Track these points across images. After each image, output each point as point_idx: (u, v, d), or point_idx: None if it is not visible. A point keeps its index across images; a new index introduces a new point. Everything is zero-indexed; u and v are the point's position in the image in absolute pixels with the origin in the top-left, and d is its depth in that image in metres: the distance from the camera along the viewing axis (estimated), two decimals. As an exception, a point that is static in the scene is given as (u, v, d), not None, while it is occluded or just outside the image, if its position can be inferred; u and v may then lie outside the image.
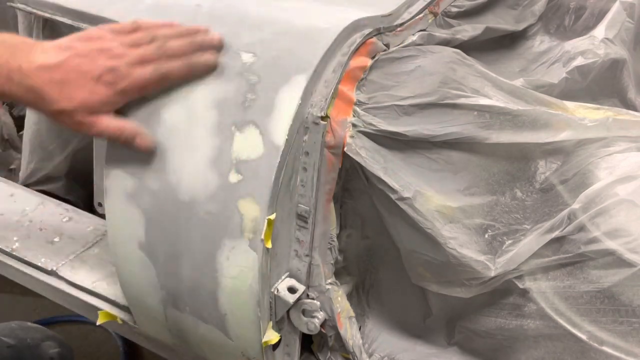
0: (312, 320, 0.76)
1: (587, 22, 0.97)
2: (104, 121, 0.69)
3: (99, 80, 0.67)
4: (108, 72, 0.67)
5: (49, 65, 0.67)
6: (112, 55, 0.67)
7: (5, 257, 1.02)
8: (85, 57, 0.67)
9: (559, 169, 0.75)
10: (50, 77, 0.67)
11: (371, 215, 0.79)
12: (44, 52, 0.68)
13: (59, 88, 0.67)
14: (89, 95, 0.67)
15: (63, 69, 0.67)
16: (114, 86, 0.67)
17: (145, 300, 0.82)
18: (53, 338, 1.22)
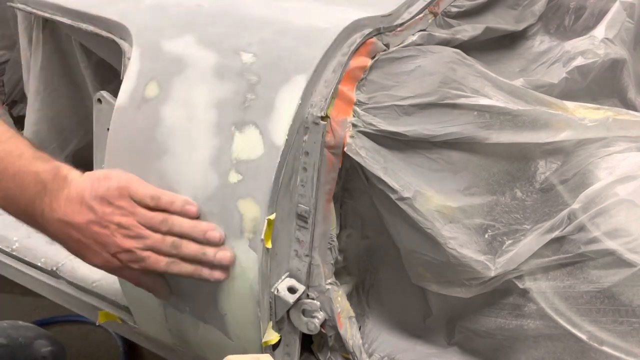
0: (312, 320, 0.76)
1: (587, 22, 0.97)
2: (123, 272, 0.73)
3: (114, 256, 0.70)
4: (124, 253, 0.70)
5: (70, 223, 0.69)
6: (129, 235, 0.69)
7: (5, 257, 1.02)
8: (104, 228, 0.69)
9: (559, 169, 0.74)
10: (70, 234, 0.70)
11: (371, 215, 0.79)
12: (67, 202, 0.70)
13: (78, 247, 0.71)
14: (104, 264, 0.71)
15: (83, 232, 0.69)
16: (127, 264, 0.70)
17: (145, 300, 0.82)
18: (45, 336, 1.22)
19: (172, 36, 0.78)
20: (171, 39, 0.77)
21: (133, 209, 0.70)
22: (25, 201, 0.71)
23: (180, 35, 0.77)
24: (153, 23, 0.81)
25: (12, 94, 1.53)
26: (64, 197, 0.70)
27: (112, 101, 0.84)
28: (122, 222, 0.69)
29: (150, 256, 0.70)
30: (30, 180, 0.71)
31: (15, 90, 1.52)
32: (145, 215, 0.70)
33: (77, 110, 1.24)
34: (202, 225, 0.70)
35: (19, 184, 0.71)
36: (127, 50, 0.81)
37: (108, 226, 0.69)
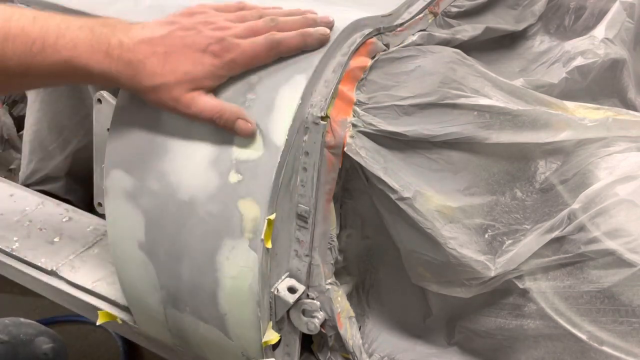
0: (312, 320, 0.76)
1: (587, 22, 0.97)
2: (203, 100, 0.65)
3: (205, 51, 0.63)
4: (215, 42, 0.63)
5: (151, 38, 0.64)
6: (218, 27, 0.64)
7: (5, 257, 1.02)
8: (190, 29, 0.64)
9: (559, 169, 0.75)
10: (153, 50, 0.64)
11: (371, 215, 0.79)
12: (144, 27, 0.65)
13: (161, 60, 0.64)
14: (194, 67, 0.63)
15: (167, 41, 0.64)
16: (221, 57, 0.63)
17: (145, 300, 0.82)
18: (46, 333, 1.22)
19: (172, 36, 0.78)
20: (171, 39, 0.77)
21: (218, 12, 0.65)
22: (97, 39, 0.65)
23: (180, 35, 0.77)
24: (153, 23, 0.81)
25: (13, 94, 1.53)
26: (140, 26, 0.65)
27: (112, 101, 0.84)
28: (208, 19, 0.64)
29: (246, 40, 0.63)
30: (98, 25, 0.66)
31: (16, 90, 1.52)
32: (232, 13, 0.65)
33: (77, 110, 1.24)
34: (296, 9, 0.65)
35: (87, 30, 0.65)
36: (127, 50, 0.81)
37: (194, 27, 0.64)
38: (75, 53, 0.65)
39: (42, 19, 0.66)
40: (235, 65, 0.65)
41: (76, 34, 0.66)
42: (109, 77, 0.67)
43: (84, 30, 0.66)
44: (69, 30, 0.66)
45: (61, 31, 0.66)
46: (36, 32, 0.66)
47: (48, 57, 0.65)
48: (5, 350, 1.12)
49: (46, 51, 0.65)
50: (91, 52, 0.65)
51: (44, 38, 0.65)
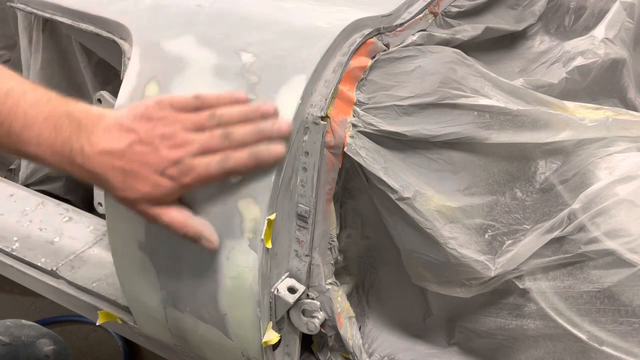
0: (312, 321, 0.76)
1: (587, 22, 0.97)
2: (169, 214, 0.67)
3: (162, 173, 0.65)
4: (172, 166, 0.64)
5: (111, 151, 0.65)
6: (175, 145, 0.65)
7: (5, 257, 1.02)
8: (148, 145, 0.65)
9: (559, 169, 0.74)
10: (113, 164, 0.65)
11: (371, 215, 0.79)
12: (106, 132, 0.66)
13: (122, 177, 0.65)
14: (152, 189, 0.65)
15: (126, 157, 0.65)
16: (177, 180, 0.65)
17: (145, 300, 0.82)
18: (48, 335, 1.22)
19: (172, 36, 0.78)
20: (171, 38, 0.77)
21: (175, 116, 0.65)
22: (61, 142, 0.66)
23: (180, 35, 0.77)
24: (153, 23, 0.81)
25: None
26: (102, 129, 0.65)
27: (112, 101, 0.84)
28: (165, 133, 0.64)
29: (201, 162, 0.64)
30: (63, 120, 0.66)
31: (15, 90, 1.52)
32: (189, 117, 0.65)
33: (77, 110, 1.23)
34: (252, 105, 0.66)
35: (52, 126, 0.66)
36: (127, 50, 0.81)
37: (152, 142, 0.64)
38: (39, 151, 0.67)
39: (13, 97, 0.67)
40: (190, 187, 0.67)
41: (41, 130, 0.66)
42: (79, 179, 0.69)
43: (48, 125, 0.66)
44: (35, 124, 0.66)
45: (28, 121, 0.66)
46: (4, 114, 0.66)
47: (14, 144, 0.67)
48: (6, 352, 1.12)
49: (11, 138, 0.67)
50: (54, 154, 0.67)
51: (11, 123, 0.66)
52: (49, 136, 0.66)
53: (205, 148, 0.65)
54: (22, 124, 0.66)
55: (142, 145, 0.65)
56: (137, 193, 0.66)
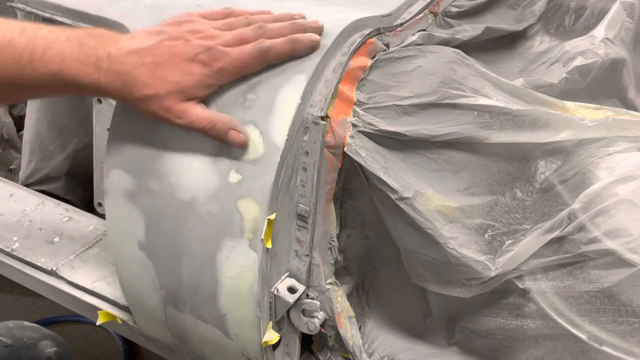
0: (312, 320, 0.76)
1: (587, 22, 0.97)
2: (195, 110, 0.65)
3: (194, 60, 0.62)
4: (204, 52, 0.62)
5: (140, 49, 0.63)
6: (206, 36, 0.63)
7: (5, 257, 1.02)
8: (178, 39, 0.63)
9: (559, 169, 0.75)
10: (142, 60, 0.63)
11: (371, 215, 0.79)
12: (133, 38, 0.65)
13: (151, 71, 0.63)
14: (183, 77, 0.63)
15: (155, 51, 0.63)
16: (210, 66, 0.63)
17: (145, 300, 0.82)
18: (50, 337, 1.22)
19: (172, 36, 0.78)
20: (171, 39, 0.77)
21: (205, 20, 0.64)
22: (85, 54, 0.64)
23: (180, 35, 0.77)
24: (153, 23, 0.81)
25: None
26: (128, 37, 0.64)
27: (112, 101, 0.84)
28: (196, 28, 0.63)
29: (235, 49, 0.63)
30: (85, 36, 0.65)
31: (16, 90, 1.52)
32: (220, 21, 0.64)
33: (77, 110, 1.24)
34: (285, 13, 0.65)
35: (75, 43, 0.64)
36: (127, 50, 0.81)
37: (183, 36, 0.63)
38: (64, 66, 0.65)
39: (29, 30, 0.66)
40: (224, 73, 0.64)
41: (64, 47, 0.65)
42: (99, 89, 0.66)
43: (71, 42, 0.65)
44: (56, 43, 0.65)
45: (49, 43, 0.65)
46: (23, 45, 0.65)
47: (36, 70, 0.65)
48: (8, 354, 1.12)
49: (34, 64, 0.65)
50: (79, 65, 0.65)
51: (32, 51, 0.65)
52: (73, 50, 0.64)
53: (239, 38, 0.63)
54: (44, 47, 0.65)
55: (172, 40, 0.63)
56: (166, 84, 0.63)
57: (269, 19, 0.67)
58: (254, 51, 0.63)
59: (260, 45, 0.63)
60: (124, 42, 0.65)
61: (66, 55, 0.65)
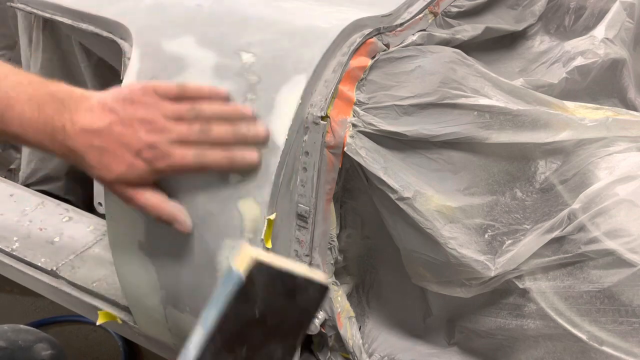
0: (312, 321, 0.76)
1: (587, 22, 0.97)
2: (144, 196, 0.68)
3: (138, 155, 0.65)
4: (148, 149, 0.65)
5: (91, 130, 0.66)
6: (153, 129, 0.65)
7: (5, 257, 1.02)
8: (127, 126, 0.65)
9: (559, 169, 0.75)
10: (91, 142, 0.66)
11: (371, 215, 0.79)
12: (88, 111, 0.66)
13: (98, 155, 0.66)
14: (127, 170, 0.66)
15: (105, 136, 0.65)
16: (152, 164, 0.65)
17: (145, 300, 0.82)
18: (46, 340, 1.22)
19: (172, 36, 0.78)
20: (171, 38, 0.77)
21: (157, 103, 0.66)
22: (43, 121, 0.66)
23: (180, 35, 0.77)
24: (153, 23, 0.81)
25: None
26: (85, 108, 0.66)
27: (112, 101, 0.84)
28: (145, 117, 0.65)
29: (177, 151, 0.65)
30: (46, 100, 0.67)
31: (15, 90, 1.52)
32: (170, 107, 0.66)
33: (77, 110, 1.23)
34: (231, 104, 0.67)
35: (34, 106, 0.67)
36: (127, 50, 0.81)
37: (131, 124, 0.65)
38: (22, 131, 0.67)
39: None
40: (164, 173, 0.67)
41: (23, 110, 0.67)
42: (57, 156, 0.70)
43: (32, 104, 0.67)
44: (18, 103, 0.67)
45: (10, 101, 0.67)
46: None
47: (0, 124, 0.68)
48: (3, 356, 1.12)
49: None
50: (37, 133, 0.67)
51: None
52: (31, 115, 0.67)
53: (183, 138, 0.65)
54: (5, 105, 0.67)
55: (122, 126, 0.65)
56: (112, 173, 0.66)
57: (217, 114, 0.68)
58: (194, 161, 0.66)
59: (201, 159, 0.66)
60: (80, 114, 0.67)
61: (24, 120, 0.67)
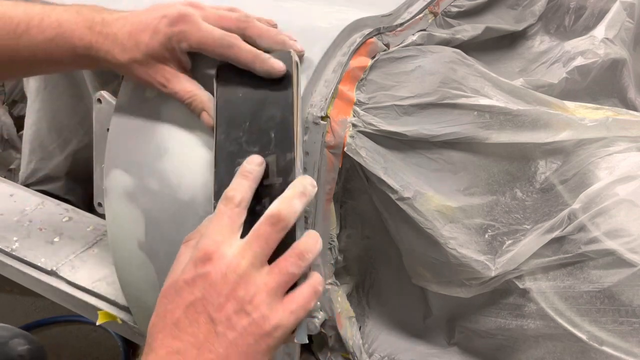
0: (312, 321, 0.76)
1: (587, 22, 0.97)
2: (179, 81, 0.66)
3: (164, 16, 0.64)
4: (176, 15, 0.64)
5: (128, 16, 0.66)
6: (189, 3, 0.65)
7: (5, 257, 1.02)
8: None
9: (559, 169, 0.75)
10: (124, 24, 0.66)
11: (371, 215, 0.79)
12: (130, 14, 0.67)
13: (127, 35, 0.66)
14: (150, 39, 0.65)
15: (135, 17, 0.66)
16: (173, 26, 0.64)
17: (145, 300, 0.82)
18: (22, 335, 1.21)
19: (172, 36, 0.77)
20: (171, 39, 0.77)
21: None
22: (82, 17, 0.68)
23: (180, 35, 0.77)
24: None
25: (12, 94, 1.53)
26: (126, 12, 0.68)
27: (112, 101, 0.84)
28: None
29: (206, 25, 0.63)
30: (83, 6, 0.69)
31: (15, 90, 1.53)
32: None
33: (77, 110, 1.24)
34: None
35: (72, 9, 0.69)
36: (127, 50, 0.81)
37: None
38: (60, 31, 0.67)
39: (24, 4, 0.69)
40: (184, 37, 0.64)
41: (61, 15, 0.67)
42: (91, 51, 0.68)
43: (69, 11, 0.68)
44: (54, 12, 0.67)
45: (46, 12, 0.67)
46: (20, 15, 0.67)
47: (33, 38, 0.67)
48: None
49: (31, 32, 0.67)
50: (75, 28, 0.67)
51: (29, 20, 0.67)
52: (69, 17, 0.68)
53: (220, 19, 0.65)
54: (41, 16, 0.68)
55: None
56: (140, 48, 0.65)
57: (264, 21, 0.67)
58: (218, 37, 0.63)
59: (227, 39, 0.63)
60: (120, 12, 0.68)
61: (63, 21, 0.67)
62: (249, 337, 0.52)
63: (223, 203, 0.58)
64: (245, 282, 0.53)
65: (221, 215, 0.57)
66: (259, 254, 0.55)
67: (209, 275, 0.53)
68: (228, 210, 0.57)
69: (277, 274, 0.55)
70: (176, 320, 0.53)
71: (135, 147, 0.76)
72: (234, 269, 0.53)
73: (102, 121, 0.87)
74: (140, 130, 0.75)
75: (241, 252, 0.54)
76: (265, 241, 0.55)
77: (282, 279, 0.55)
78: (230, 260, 0.54)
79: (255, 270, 0.54)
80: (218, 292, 0.53)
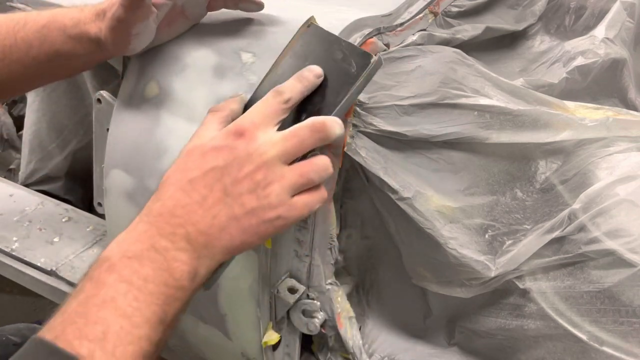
0: (312, 321, 0.76)
1: (587, 22, 0.97)
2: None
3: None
4: None
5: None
6: None
7: (5, 257, 1.02)
8: None
9: (559, 169, 0.74)
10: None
11: (371, 215, 0.79)
12: None
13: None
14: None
15: None
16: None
17: (145, 300, 0.82)
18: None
19: (172, 36, 0.77)
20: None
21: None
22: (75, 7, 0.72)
23: (181, 35, 0.77)
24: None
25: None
26: None
27: (112, 101, 0.84)
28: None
29: None
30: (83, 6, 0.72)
31: (15, 90, 1.52)
32: None
33: (77, 110, 1.24)
34: None
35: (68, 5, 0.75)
36: (127, 50, 0.81)
37: None
38: (52, 18, 0.71)
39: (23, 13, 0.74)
40: None
41: (57, 9, 0.72)
42: (79, 25, 0.71)
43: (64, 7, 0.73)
44: (49, 8, 0.73)
45: (45, 11, 0.72)
46: (20, 16, 0.73)
47: (30, 28, 0.71)
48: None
49: (28, 25, 0.71)
50: (67, 11, 0.71)
51: (27, 17, 0.72)
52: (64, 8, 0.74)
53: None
54: (38, 12, 0.73)
55: None
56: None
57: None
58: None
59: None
60: None
61: (57, 10, 0.72)
62: (252, 218, 0.55)
63: (272, 95, 0.59)
64: (266, 169, 0.55)
65: (267, 104, 0.59)
66: (289, 151, 0.57)
67: (236, 149, 0.56)
68: (275, 103, 0.59)
69: (297, 174, 0.57)
70: (193, 179, 0.57)
71: (135, 147, 0.76)
72: (261, 154, 0.56)
73: (102, 121, 0.87)
74: (140, 130, 0.75)
75: (273, 142, 0.56)
76: (300, 142, 0.57)
77: (299, 181, 0.57)
78: (260, 144, 0.56)
79: (279, 163, 0.56)
80: (239, 167, 0.56)
